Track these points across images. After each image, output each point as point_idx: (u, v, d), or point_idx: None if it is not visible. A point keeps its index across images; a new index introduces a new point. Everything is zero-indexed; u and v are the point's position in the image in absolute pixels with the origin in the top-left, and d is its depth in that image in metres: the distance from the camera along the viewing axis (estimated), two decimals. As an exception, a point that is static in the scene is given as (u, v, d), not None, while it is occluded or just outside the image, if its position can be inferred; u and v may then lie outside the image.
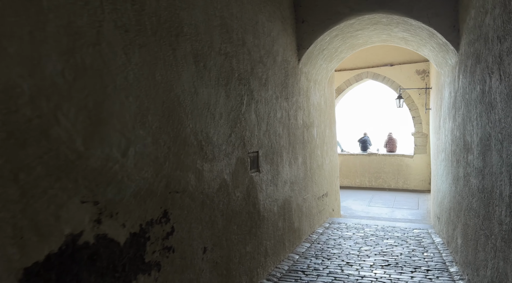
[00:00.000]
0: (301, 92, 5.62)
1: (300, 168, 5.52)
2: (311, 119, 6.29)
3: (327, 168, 7.60)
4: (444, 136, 5.92)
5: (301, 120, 5.62)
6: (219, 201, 2.84)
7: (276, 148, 4.40)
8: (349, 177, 12.65)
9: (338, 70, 12.42)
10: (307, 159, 5.99)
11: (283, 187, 4.65)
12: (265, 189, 3.93)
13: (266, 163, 4.02)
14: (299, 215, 5.30)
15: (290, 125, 5.04)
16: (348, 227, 6.51)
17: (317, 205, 6.57)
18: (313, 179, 6.36)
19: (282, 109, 4.69)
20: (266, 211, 3.94)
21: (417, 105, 11.52)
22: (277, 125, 4.47)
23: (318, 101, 6.91)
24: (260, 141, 3.83)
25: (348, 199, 10.56)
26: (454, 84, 4.75)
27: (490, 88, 2.91)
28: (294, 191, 5.16)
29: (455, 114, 4.67)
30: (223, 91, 2.95)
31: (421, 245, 5.13)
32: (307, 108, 6.06)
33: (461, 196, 4.16)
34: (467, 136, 3.90)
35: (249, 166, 3.52)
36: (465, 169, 3.97)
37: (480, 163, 3.25)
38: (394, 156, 12.11)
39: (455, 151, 4.69)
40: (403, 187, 11.92)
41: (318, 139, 6.85)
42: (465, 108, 3.95)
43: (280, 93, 4.59)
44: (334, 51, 6.42)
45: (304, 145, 5.79)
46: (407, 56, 11.49)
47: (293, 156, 5.15)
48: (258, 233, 3.64)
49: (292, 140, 5.11)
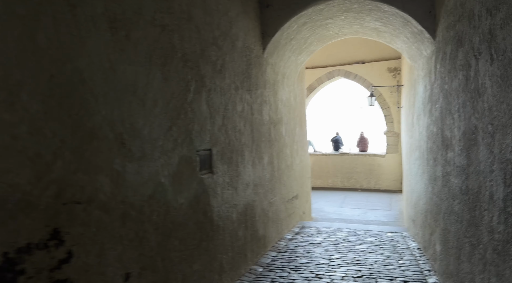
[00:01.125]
0: (267, 85, 5.10)
1: (266, 168, 4.99)
2: (279, 116, 5.78)
3: (298, 169, 7.14)
4: (418, 133, 5.59)
5: (267, 115, 5.10)
6: (152, 212, 2.25)
7: (235, 146, 3.84)
8: (322, 177, 12.31)
9: (309, 67, 12.06)
10: (274, 159, 5.47)
11: (245, 190, 4.10)
12: (220, 194, 3.36)
13: (222, 163, 3.45)
14: (264, 221, 4.77)
15: (254, 120, 4.50)
16: (319, 231, 6.06)
17: (286, 208, 6.07)
18: (281, 181, 5.86)
19: (244, 102, 4.14)
20: (222, 219, 3.37)
21: (388, 104, 11.34)
22: (237, 120, 3.92)
23: (287, 97, 6.42)
24: (214, 137, 3.26)
25: (320, 200, 10.17)
26: (430, 76, 4.39)
27: (476, 73, 2.49)
28: (259, 195, 4.62)
29: (431, 108, 4.30)
30: (158, 73, 2.36)
31: (396, 251, 4.73)
32: (275, 103, 5.55)
33: (439, 197, 3.77)
34: (446, 131, 3.50)
35: (199, 166, 2.94)
36: (444, 167, 3.58)
37: (463, 160, 2.84)
38: (366, 155, 11.88)
39: (432, 148, 4.31)
40: (375, 187, 11.71)
41: (287, 138, 6.36)
42: (444, 100, 3.56)
43: (241, 84, 4.04)
44: (303, 43, 5.95)
45: (270, 144, 5.27)
46: (378, 54, 11.29)
47: (257, 155, 4.62)
48: (210, 246, 3.06)
49: (256, 137, 4.57)
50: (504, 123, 2.01)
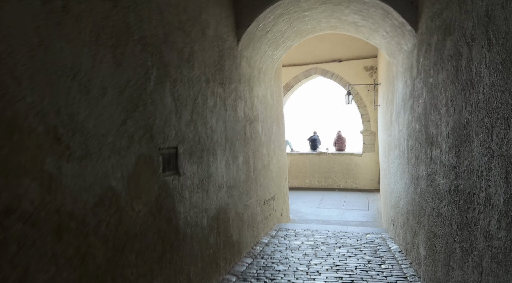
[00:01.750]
0: (241, 80, 4.77)
1: (241, 168, 4.66)
2: (255, 113, 5.47)
3: (275, 169, 6.85)
4: (398, 131, 5.43)
5: (242, 112, 4.77)
6: (100, 222, 1.86)
7: (207, 144, 3.49)
8: (299, 177, 12.11)
9: (286, 65, 11.84)
10: (250, 158, 5.15)
11: (218, 192, 3.75)
12: (188, 197, 2.99)
13: (191, 163, 3.09)
14: (239, 225, 4.43)
15: (228, 117, 4.17)
16: (296, 234, 5.79)
17: (263, 211, 5.77)
18: (257, 182, 5.54)
19: (216, 96, 3.79)
20: (190, 226, 3.01)
21: (365, 103, 11.29)
22: (209, 115, 3.56)
23: (264, 94, 6.12)
24: (181, 134, 2.90)
25: (297, 201, 9.95)
26: (411, 71, 4.20)
27: (469, 62, 2.27)
28: (233, 197, 4.28)
29: (413, 104, 4.11)
30: (108, 55, 1.98)
31: (377, 254, 4.53)
32: (250, 99, 5.23)
33: (423, 198, 3.58)
34: (430, 127, 3.30)
35: (161, 167, 2.57)
36: (428, 166, 3.38)
37: (452, 158, 2.63)
38: (344, 155, 11.79)
39: (413, 146, 4.13)
40: (352, 187, 11.64)
41: (264, 136, 6.06)
42: (428, 95, 3.36)
43: (213, 76, 3.69)
44: (280, 36, 5.67)
45: (246, 142, 4.95)
46: (355, 52, 11.22)
47: (231, 155, 4.28)
48: (175, 258, 2.69)
49: (230, 135, 4.24)
50: (506, 115, 1.77)
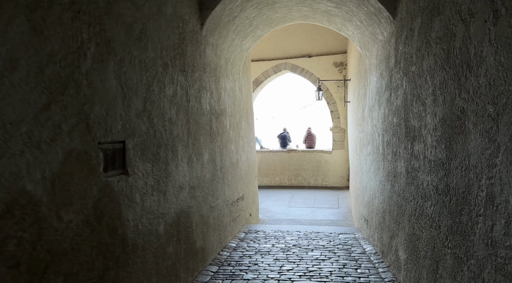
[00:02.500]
0: (207, 69, 4.32)
1: (206, 166, 4.22)
2: (222, 106, 5.03)
3: (244, 167, 6.46)
4: (371, 126, 5.21)
5: (207, 104, 4.33)
6: (6, 240, 1.37)
7: (164, 139, 3.02)
8: (269, 175, 11.81)
9: (255, 60, 11.48)
10: (217, 155, 4.72)
11: (178, 194, 3.30)
12: (140, 202, 2.52)
13: (144, 161, 2.62)
14: (203, 230, 3.99)
15: (191, 109, 3.71)
16: (267, 236, 5.43)
17: (231, 212, 5.35)
18: (225, 181, 5.12)
19: (177, 85, 3.33)
20: (143, 236, 2.54)
21: (335, 99, 11.17)
22: (167, 106, 3.10)
23: (232, 86, 5.70)
24: (130, 126, 2.42)
25: (267, 200, 9.62)
26: (388, 61, 3.95)
27: (465, 42, 1.98)
28: (197, 199, 3.84)
29: (390, 96, 3.87)
30: (21, 17, 1.48)
31: (352, 256, 4.26)
32: (217, 91, 4.79)
33: (403, 197, 3.32)
34: (412, 120, 3.04)
35: (103, 165, 2.08)
36: (409, 163, 3.12)
37: (441, 153, 2.35)
38: (313, 152, 11.62)
39: (390, 141, 3.88)
40: (322, 184, 11.50)
41: (232, 132, 5.64)
42: (410, 85, 3.09)
43: (172, 61, 3.22)
44: (248, 24, 5.26)
45: (212, 138, 4.51)
46: (325, 47, 11.06)
47: (195, 151, 3.83)
48: (121, 275, 2.22)
49: (193, 129, 3.78)
50: (518, 100, 1.48)
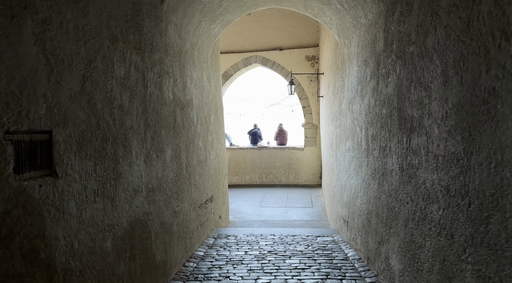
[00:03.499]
0: (169, 51, 3.71)
1: (169, 165, 3.62)
2: (188, 96, 4.44)
3: (213, 165, 5.89)
4: (351, 120, 4.83)
5: (170, 93, 3.72)
6: None
7: (113, 131, 2.41)
8: (239, 174, 11.28)
9: (224, 52, 10.88)
10: (182, 152, 4.12)
11: (132, 199, 2.69)
12: (76, 212, 1.91)
13: (82, 158, 2.00)
14: (165, 239, 3.40)
15: (149, 96, 3.10)
16: (238, 241, 4.91)
17: (198, 216, 4.77)
18: (191, 181, 4.54)
19: (130, 65, 2.71)
20: (80, 257, 1.93)
21: (307, 94, 10.83)
22: (117, 89, 2.48)
23: (199, 76, 5.10)
24: (60, 111, 1.80)
25: (237, 200, 9.10)
26: (375, 45, 3.55)
27: (498, 2, 1.56)
28: (157, 203, 3.24)
29: (378, 85, 3.46)
30: None
31: (334, 264, 3.84)
32: (182, 79, 4.19)
33: (395, 198, 2.92)
34: (409, 109, 2.63)
35: (13, 163, 1.46)
36: (405, 158, 2.72)
37: (455, 146, 1.93)
38: (285, 149, 11.23)
39: (377, 135, 3.49)
40: (294, 183, 11.15)
41: (200, 126, 5.06)
42: (406, 69, 2.68)
43: (124, 36, 2.60)
44: (217, 5, 4.69)
45: (176, 132, 3.91)
46: (296, 40, 10.68)
47: (155, 147, 3.22)
48: (43, 317, 1.61)
49: (153, 121, 3.18)
50: None
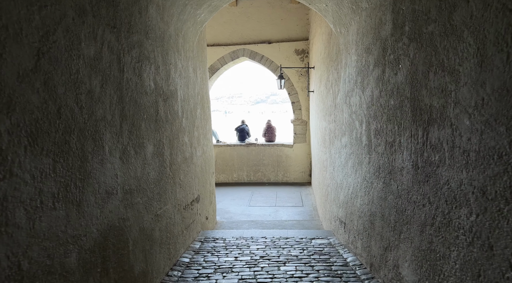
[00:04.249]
0: (151, 35, 3.28)
1: (150, 163, 3.20)
2: (172, 87, 4.01)
3: (199, 162, 5.48)
4: (349, 114, 4.51)
5: (151, 81, 3.30)
6: None
7: (79, 121, 1.98)
8: (226, 171, 10.87)
9: (211, 44, 10.43)
10: (166, 148, 3.71)
11: (104, 203, 2.27)
12: (26, 223, 1.48)
13: (36, 154, 1.58)
14: (145, 247, 2.98)
15: (126, 82, 2.67)
16: (227, 245, 4.53)
17: (183, 218, 4.36)
18: (176, 180, 4.12)
19: (102, 44, 2.28)
20: (31, 279, 1.51)
21: (296, 89, 10.50)
22: (85, 71, 2.05)
23: (184, 65, 4.68)
24: (2, 93, 1.37)
25: (225, 199, 8.70)
26: (380, 29, 3.21)
27: None
28: (136, 207, 2.82)
29: (384, 73, 3.13)
30: None
31: (334, 271, 3.50)
32: (165, 67, 3.76)
33: (407, 199, 2.60)
34: (426, 98, 2.30)
35: None
36: (420, 154, 2.39)
37: (497, 139, 1.60)
38: (274, 146, 10.88)
39: (383, 129, 3.16)
40: (283, 180, 10.82)
41: (186, 120, 4.64)
42: (422, 52, 2.34)
43: (95, 8, 2.17)
44: (205, -13, 4.28)
45: (159, 125, 3.49)
46: (286, 33, 10.32)
47: (133, 141, 2.80)
48: None
49: (131, 111, 2.75)
50: None
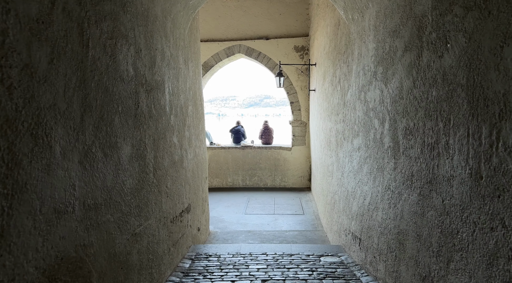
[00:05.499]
0: (129, 8, 2.62)
1: (126, 167, 2.54)
2: (158, 77, 3.36)
3: (191, 166, 4.82)
4: (365, 111, 3.89)
5: (130, 66, 2.64)
6: None
7: (7, 107, 1.31)
8: (220, 176, 10.19)
9: (204, 40, 9.78)
10: (148, 150, 3.05)
11: (51, 227, 1.60)
12: None
13: None
14: (118, 278, 2.31)
15: (92, 62, 2.01)
16: (222, 264, 3.87)
17: (171, 234, 3.69)
18: (162, 188, 3.46)
19: (52, 3, 1.61)
20: None
21: (295, 88, 9.89)
22: (19, 36, 1.39)
23: (174, 55, 4.03)
24: None
25: (219, 206, 8.03)
26: (414, 5, 2.59)
27: None
28: (103, 227, 2.15)
29: (421, 57, 2.51)
30: None
31: (356, 300, 2.87)
32: (149, 52, 3.11)
33: (461, 218, 1.97)
34: (498, 83, 1.68)
35: None
36: (487, 160, 1.76)
37: None
38: (271, 148, 10.24)
39: (418, 127, 2.54)
40: (281, 185, 10.18)
41: (175, 118, 3.98)
42: (490, 21, 1.73)
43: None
44: (198, -39, 3.63)
45: (139, 121, 2.83)
46: (284, 29, 9.72)
47: (101, 140, 2.14)
48: None
49: (97, 100, 2.09)
50: None
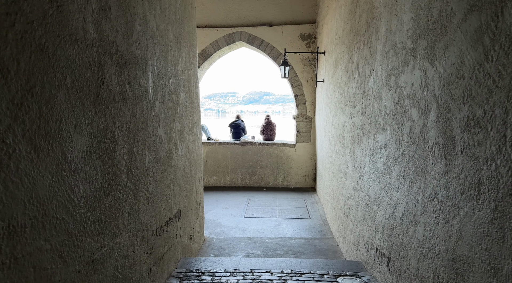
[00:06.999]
0: None
1: (78, 167, 1.77)
2: (136, 49, 2.58)
3: (182, 164, 4.04)
4: (396, 100, 3.12)
5: (89, 24, 1.86)
6: None
7: None
8: (218, 174, 9.42)
9: (202, 26, 8.98)
10: (119, 143, 2.27)
11: None
12: None
13: None
14: None
15: (25, 7, 1.21)
16: (218, 286, 3.10)
17: (152, 249, 2.92)
18: (140, 192, 2.68)
19: None
20: None
21: (301, 80, 9.10)
22: None
23: (161, 27, 3.24)
24: None
25: (215, 207, 7.26)
26: None
27: None
28: (30, 260, 1.37)
29: (498, 18, 1.73)
30: None
31: None
32: (122, 13, 2.32)
33: None
34: None
35: None
36: None
37: None
38: (273, 145, 9.46)
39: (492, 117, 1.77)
40: (283, 185, 9.41)
41: (161, 104, 3.20)
42: None
43: None
44: None
45: (105, 104, 2.06)
46: (289, 15, 8.91)
47: (26, 126, 1.35)
48: None
49: (21, 62, 1.30)
50: None
